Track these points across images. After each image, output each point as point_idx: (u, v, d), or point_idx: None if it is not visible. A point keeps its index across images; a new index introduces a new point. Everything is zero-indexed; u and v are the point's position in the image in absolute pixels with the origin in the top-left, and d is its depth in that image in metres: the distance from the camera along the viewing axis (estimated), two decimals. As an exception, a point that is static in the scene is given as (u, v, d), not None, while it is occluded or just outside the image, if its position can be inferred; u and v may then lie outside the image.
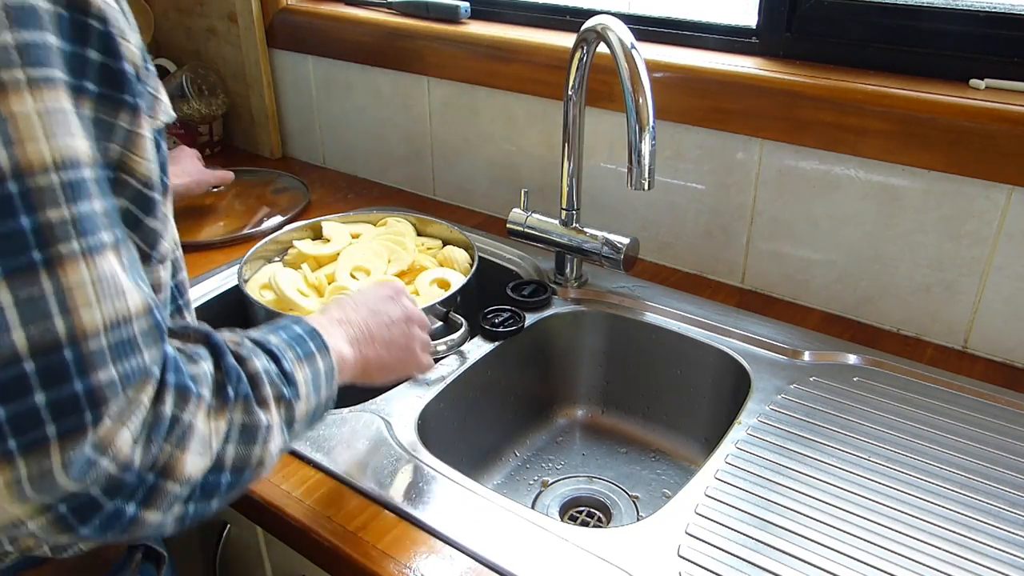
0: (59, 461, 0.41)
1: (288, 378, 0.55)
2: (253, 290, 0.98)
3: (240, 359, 0.52)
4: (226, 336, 0.54)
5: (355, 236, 1.09)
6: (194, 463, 0.47)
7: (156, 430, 0.44)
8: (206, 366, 0.50)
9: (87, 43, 0.43)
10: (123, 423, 0.43)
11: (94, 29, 0.44)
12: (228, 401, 0.49)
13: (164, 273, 0.58)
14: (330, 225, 1.10)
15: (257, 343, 0.55)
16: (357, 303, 0.70)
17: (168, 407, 0.45)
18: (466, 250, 1.06)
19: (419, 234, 1.12)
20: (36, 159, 0.39)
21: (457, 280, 0.98)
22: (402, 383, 0.85)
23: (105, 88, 0.45)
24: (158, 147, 0.54)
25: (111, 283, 0.42)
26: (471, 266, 1.03)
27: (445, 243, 1.10)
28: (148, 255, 0.52)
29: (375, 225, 1.13)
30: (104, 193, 0.43)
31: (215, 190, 1.29)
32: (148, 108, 0.50)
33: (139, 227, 0.51)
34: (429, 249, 1.09)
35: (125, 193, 0.49)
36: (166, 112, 0.54)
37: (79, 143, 0.42)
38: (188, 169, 1.21)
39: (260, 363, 0.53)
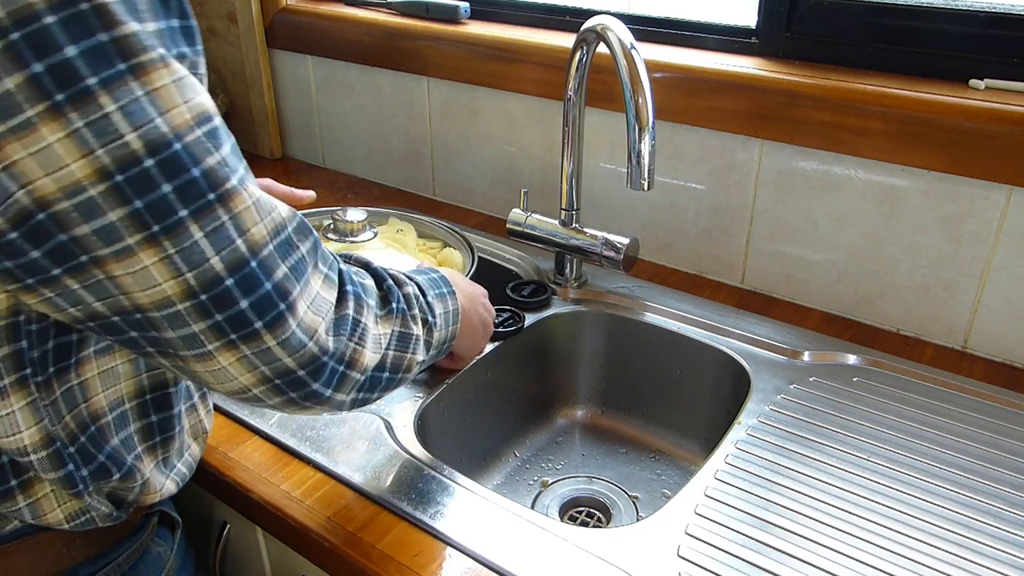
0: (273, 341, 0.51)
1: (431, 307, 0.67)
2: None
3: (398, 282, 0.64)
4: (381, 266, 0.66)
5: None
6: (370, 357, 0.58)
7: (342, 326, 0.55)
8: (371, 283, 0.61)
9: (170, 15, 0.48)
10: (320, 317, 0.53)
11: (172, 1, 0.49)
12: (391, 312, 0.61)
13: None
14: None
15: (407, 276, 0.67)
16: (460, 280, 0.81)
17: (349, 310, 0.56)
18: (466, 250, 1.06)
19: (419, 235, 1.12)
20: (182, 121, 0.46)
21: None
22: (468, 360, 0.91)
23: (191, 46, 0.50)
24: None
25: (264, 201, 0.50)
26: (470, 266, 1.02)
27: (445, 244, 1.10)
28: None
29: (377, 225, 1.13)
30: (228, 134, 0.50)
31: None
32: None
33: None
34: (431, 249, 1.08)
35: None
36: None
37: (204, 98, 0.48)
38: None
39: (412, 289, 0.66)
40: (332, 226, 1.03)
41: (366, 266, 0.64)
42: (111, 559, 0.66)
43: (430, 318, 0.67)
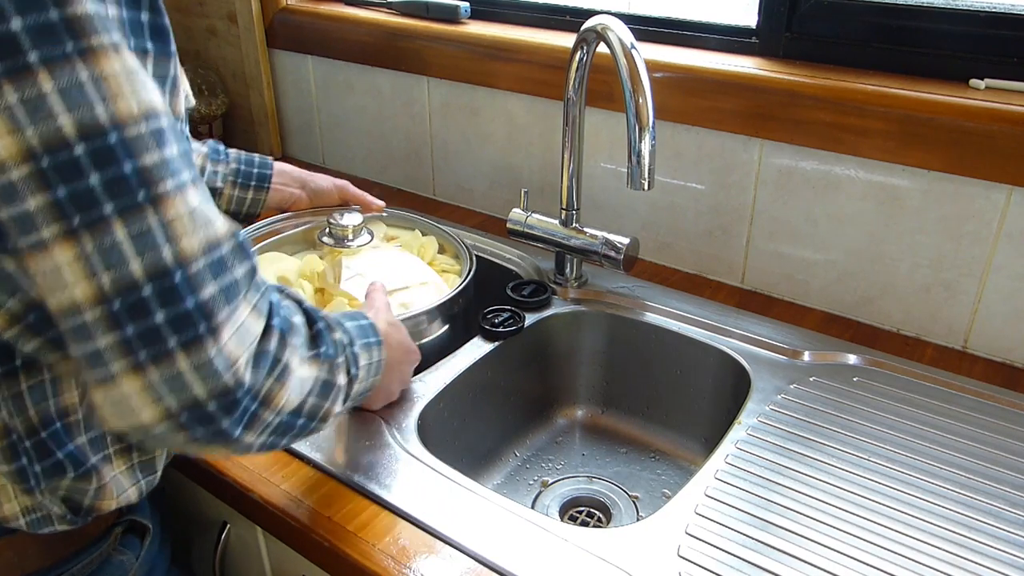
0: (187, 366, 0.46)
1: (356, 358, 0.63)
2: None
3: (329, 326, 0.60)
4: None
5: (391, 239, 1.08)
6: (287, 398, 0.53)
7: (262, 361, 0.51)
8: (300, 321, 0.57)
9: (140, 7, 0.47)
10: (242, 347, 0.49)
11: None
12: (318, 356, 0.57)
13: None
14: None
15: (338, 320, 0.63)
16: (393, 333, 0.77)
17: (272, 345, 0.52)
18: (464, 254, 1.04)
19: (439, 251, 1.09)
20: (127, 112, 0.44)
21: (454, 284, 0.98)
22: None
23: (157, 44, 0.49)
24: None
25: (201, 213, 0.47)
26: (468, 271, 1.00)
27: (441, 249, 1.08)
28: None
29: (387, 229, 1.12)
30: (177, 138, 0.48)
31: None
32: None
33: None
34: (444, 272, 1.06)
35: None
36: None
37: (155, 96, 0.46)
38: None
39: (341, 336, 0.62)
40: (328, 231, 1.03)
41: (299, 303, 0.59)
42: (65, 569, 0.65)
43: (354, 369, 0.62)
